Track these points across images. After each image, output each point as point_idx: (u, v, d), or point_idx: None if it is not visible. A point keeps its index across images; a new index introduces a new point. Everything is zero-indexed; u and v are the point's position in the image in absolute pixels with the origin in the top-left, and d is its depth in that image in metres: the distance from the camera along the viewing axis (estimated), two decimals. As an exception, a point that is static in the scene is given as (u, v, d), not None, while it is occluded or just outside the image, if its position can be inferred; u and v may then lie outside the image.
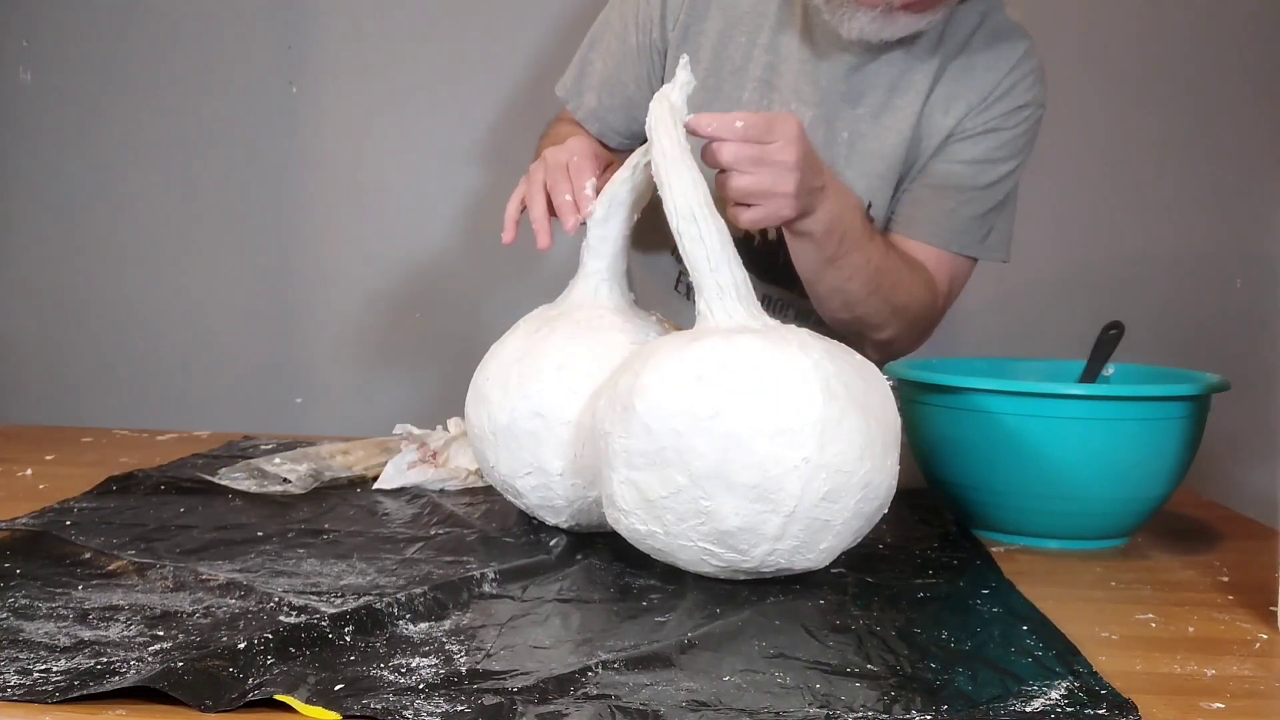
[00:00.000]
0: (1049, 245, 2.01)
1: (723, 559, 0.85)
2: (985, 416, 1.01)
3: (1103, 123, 1.99)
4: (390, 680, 0.68)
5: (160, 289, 2.15)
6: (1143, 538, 1.07)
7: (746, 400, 0.82)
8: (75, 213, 2.16)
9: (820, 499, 0.82)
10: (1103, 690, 0.68)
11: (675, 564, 0.89)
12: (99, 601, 0.81)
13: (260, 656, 0.70)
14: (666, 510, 0.84)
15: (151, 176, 2.13)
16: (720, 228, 0.94)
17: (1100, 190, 2.00)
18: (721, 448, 0.81)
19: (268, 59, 2.10)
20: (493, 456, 1.02)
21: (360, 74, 2.10)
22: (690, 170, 0.95)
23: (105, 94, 2.13)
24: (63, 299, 2.17)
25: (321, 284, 2.13)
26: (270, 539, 1.00)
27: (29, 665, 0.69)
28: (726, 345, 0.85)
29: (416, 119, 2.09)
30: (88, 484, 1.18)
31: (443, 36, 2.06)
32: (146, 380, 2.15)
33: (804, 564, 0.86)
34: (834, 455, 0.82)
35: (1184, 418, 1.01)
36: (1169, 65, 1.98)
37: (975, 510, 1.06)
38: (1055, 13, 1.97)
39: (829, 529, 0.84)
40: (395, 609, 0.79)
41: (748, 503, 0.82)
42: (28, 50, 2.14)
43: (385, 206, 2.12)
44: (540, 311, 1.07)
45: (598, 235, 1.05)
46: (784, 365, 0.84)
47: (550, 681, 0.67)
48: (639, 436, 0.84)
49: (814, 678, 0.69)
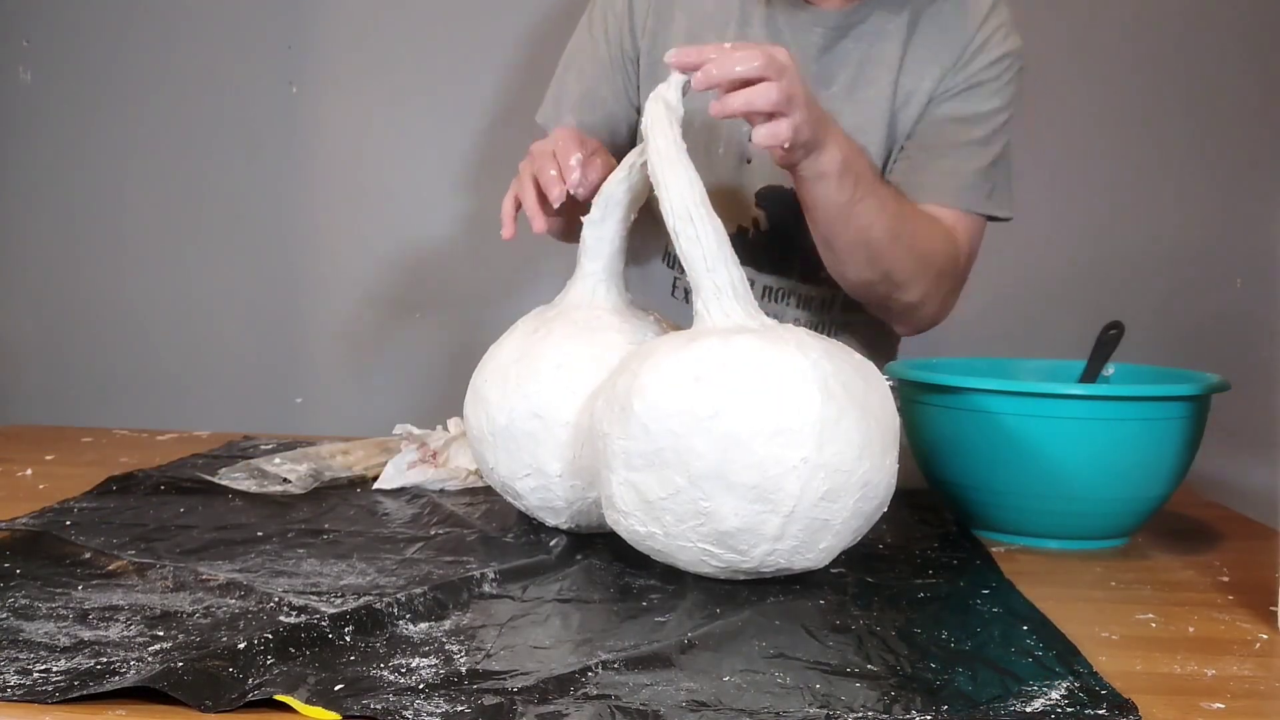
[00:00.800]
0: (1049, 245, 2.01)
1: (722, 559, 0.85)
2: (985, 416, 1.01)
3: (1103, 122, 1.99)
4: (390, 680, 0.68)
5: (160, 289, 2.15)
6: (1143, 538, 1.07)
7: (745, 400, 0.82)
8: (75, 213, 2.16)
9: (819, 499, 0.82)
10: (1103, 690, 0.68)
11: (675, 565, 0.89)
12: (99, 601, 0.81)
13: (260, 656, 0.70)
14: (665, 511, 0.84)
15: (151, 176, 2.13)
16: (716, 227, 0.94)
17: (1100, 190, 2.00)
18: (720, 448, 0.81)
19: (268, 59, 2.10)
20: (492, 458, 1.02)
21: (360, 74, 2.10)
22: (687, 169, 0.95)
23: (105, 94, 2.13)
24: (63, 299, 2.17)
25: (321, 284, 2.14)
26: (270, 539, 1.00)
27: (29, 665, 0.68)
28: (724, 345, 0.85)
29: (416, 119, 2.09)
30: (88, 484, 1.18)
31: (442, 36, 2.06)
32: (146, 380, 2.15)
33: (803, 564, 0.86)
34: (833, 455, 0.82)
35: (1184, 418, 1.01)
36: (1169, 65, 1.98)
37: (975, 510, 1.06)
38: (1055, 12, 1.97)
39: (828, 528, 0.84)
40: (395, 609, 0.79)
41: (747, 503, 0.82)
42: (28, 50, 2.14)
43: (385, 206, 2.12)
44: (538, 312, 1.07)
45: (594, 236, 1.05)
46: (782, 365, 0.83)
47: (550, 681, 0.67)
48: (637, 437, 0.84)
49: (814, 678, 0.69)
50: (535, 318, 1.05)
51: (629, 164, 1.04)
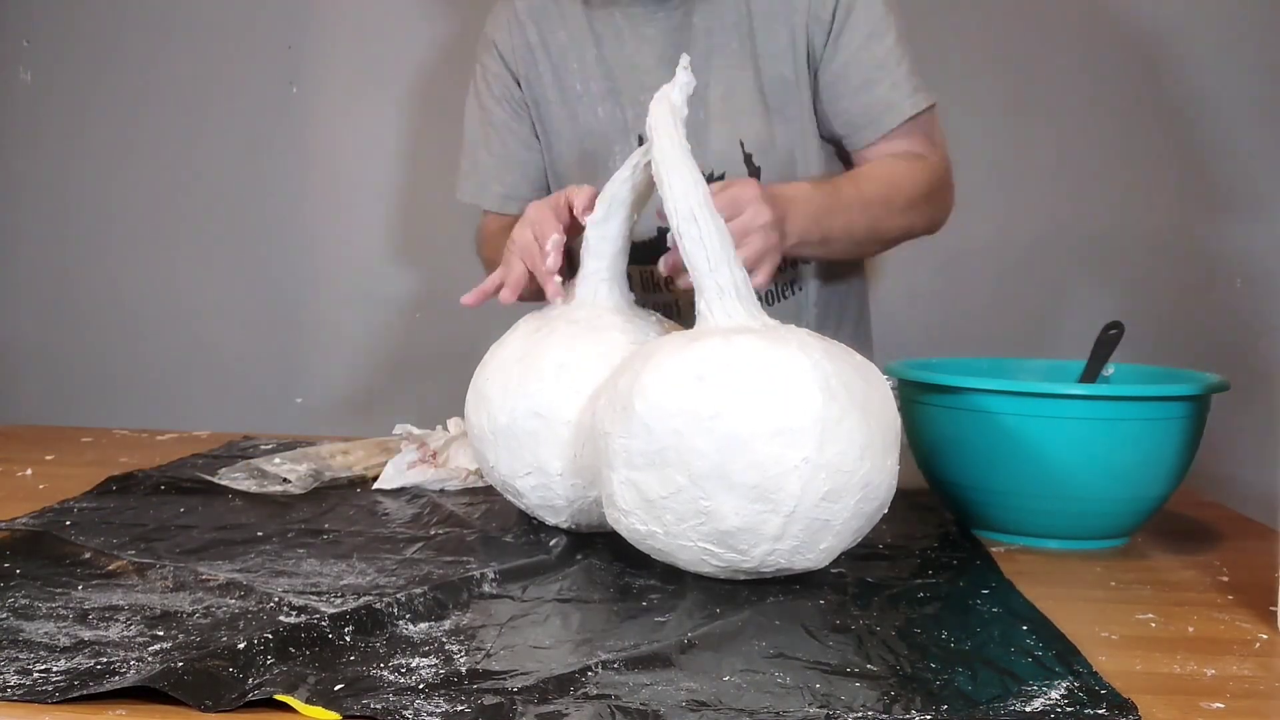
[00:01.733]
0: (1048, 245, 2.01)
1: (723, 559, 0.85)
2: (985, 416, 1.01)
3: (1102, 123, 1.99)
4: (390, 680, 0.68)
5: (160, 289, 2.15)
6: (1143, 538, 1.07)
7: (747, 400, 0.82)
8: (75, 213, 2.16)
9: (820, 499, 0.82)
10: (1103, 690, 0.68)
11: (675, 564, 0.89)
12: (99, 601, 0.81)
13: (260, 656, 0.70)
14: (666, 510, 0.84)
15: (151, 176, 2.13)
16: (720, 228, 0.94)
17: (1099, 190, 2.00)
18: (722, 448, 0.81)
19: (268, 59, 2.10)
20: (493, 456, 1.02)
21: (360, 74, 2.10)
22: (691, 171, 0.95)
23: (105, 94, 2.13)
24: (62, 299, 2.17)
25: (321, 284, 2.13)
26: (270, 539, 1.00)
27: (29, 665, 0.69)
28: (726, 345, 0.85)
29: (417, 118, 2.09)
30: (88, 484, 1.18)
31: (442, 37, 2.06)
32: (146, 380, 2.15)
33: (804, 564, 0.86)
34: (834, 455, 0.82)
35: (1184, 418, 1.01)
36: (1169, 65, 1.98)
37: (975, 510, 1.06)
38: (1056, 13, 1.97)
39: (829, 529, 0.84)
40: (395, 609, 0.79)
41: (748, 503, 0.82)
42: (28, 50, 2.14)
43: (385, 206, 2.12)
44: (541, 311, 1.07)
45: (597, 235, 1.05)
46: (784, 365, 0.83)
47: (550, 681, 0.67)
48: (639, 436, 0.84)
49: (814, 678, 0.69)
50: (538, 317, 1.05)
51: (633, 164, 1.04)
